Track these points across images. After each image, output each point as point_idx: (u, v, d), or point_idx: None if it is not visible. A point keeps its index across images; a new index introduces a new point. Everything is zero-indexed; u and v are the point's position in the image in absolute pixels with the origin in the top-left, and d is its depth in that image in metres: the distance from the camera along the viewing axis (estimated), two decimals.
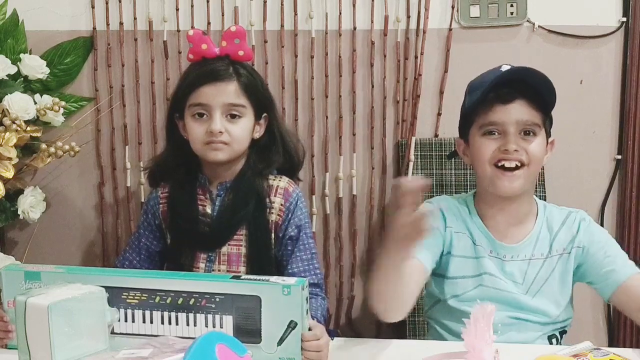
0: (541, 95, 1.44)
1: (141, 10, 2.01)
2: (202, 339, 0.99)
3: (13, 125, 1.78)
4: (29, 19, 1.97)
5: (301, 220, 1.60)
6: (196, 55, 1.57)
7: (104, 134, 2.06)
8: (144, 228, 1.66)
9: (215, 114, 1.52)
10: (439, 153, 2.00)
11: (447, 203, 1.55)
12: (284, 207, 1.59)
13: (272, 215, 1.58)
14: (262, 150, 1.61)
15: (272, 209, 1.58)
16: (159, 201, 1.64)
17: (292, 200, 1.59)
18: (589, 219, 1.53)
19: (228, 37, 1.57)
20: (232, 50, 1.56)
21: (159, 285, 1.30)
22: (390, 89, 2.04)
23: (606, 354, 1.27)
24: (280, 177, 1.63)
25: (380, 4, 2.00)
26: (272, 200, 1.58)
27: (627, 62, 2.02)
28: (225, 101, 1.53)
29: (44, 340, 1.10)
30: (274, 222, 1.58)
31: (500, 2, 2.00)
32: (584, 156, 2.07)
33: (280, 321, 1.25)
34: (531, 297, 1.47)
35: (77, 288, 1.18)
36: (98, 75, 2.04)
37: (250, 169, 1.59)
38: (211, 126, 1.51)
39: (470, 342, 1.09)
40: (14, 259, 1.89)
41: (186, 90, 1.56)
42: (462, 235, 1.50)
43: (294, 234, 1.58)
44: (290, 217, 1.58)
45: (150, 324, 1.30)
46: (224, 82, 1.53)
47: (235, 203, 1.56)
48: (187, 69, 1.62)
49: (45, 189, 1.97)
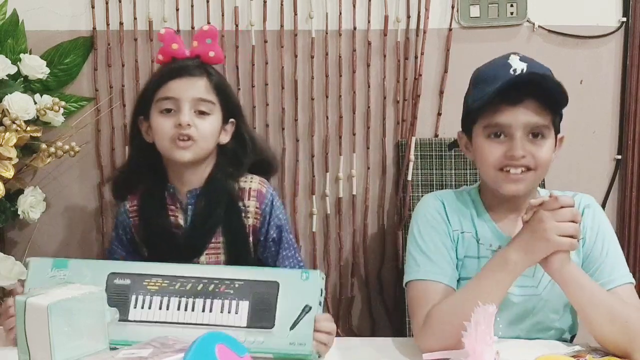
0: (552, 97, 1.34)
1: (141, 10, 2.01)
2: (202, 339, 0.99)
3: (13, 125, 1.78)
4: (29, 19, 1.97)
5: (280, 220, 1.58)
6: (166, 55, 1.53)
7: (104, 134, 2.06)
8: (117, 244, 1.63)
9: (184, 107, 1.48)
10: (439, 153, 2.00)
11: (451, 200, 1.47)
12: (259, 209, 1.56)
13: (249, 219, 1.55)
14: (231, 154, 1.58)
15: (247, 212, 1.55)
16: (129, 215, 1.60)
17: (267, 201, 1.56)
18: (595, 205, 1.47)
19: (200, 37, 1.53)
20: (203, 50, 1.53)
21: (182, 272, 1.33)
22: (390, 89, 2.05)
23: (604, 355, 1.27)
24: (251, 177, 1.58)
25: (380, 4, 2.01)
26: (246, 204, 1.55)
27: (627, 62, 2.03)
28: (195, 95, 1.49)
29: (44, 340, 1.10)
30: (251, 225, 1.55)
31: (500, 2, 2.00)
32: (584, 156, 2.07)
33: (296, 306, 1.28)
34: (540, 294, 1.41)
35: (77, 288, 1.18)
36: (98, 75, 2.04)
37: (219, 172, 1.55)
38: (180, 118, 1.46)
39: (470, 343, 1.09)
40: (13, 259, 1.89)
41: (154, 86, 1.52)
42: (466, 235, 1.44)
43: (276, 235, 1.57)
44: (269, 219, 1.56)
45: (166, 310, 1.31)
46: (195, 77, 1.50)
47: (208, 209, 1.52)
48: (155, 70, 1.58)
49: (45, 189, 1.97)
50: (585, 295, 1.28)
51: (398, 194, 2.06)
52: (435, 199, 1.47)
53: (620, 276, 1.37)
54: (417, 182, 2.01)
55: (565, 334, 1.46)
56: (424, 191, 2.00)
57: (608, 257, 1.39)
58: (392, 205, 2.08)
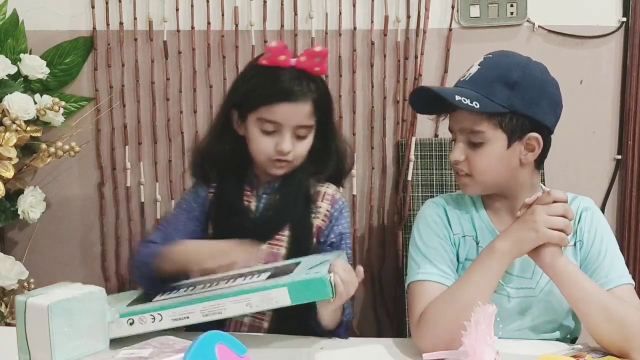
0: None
1: (141, 10, 2.01)
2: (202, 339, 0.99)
3: (13, 125, 1.79)
4: (29, 19, 1.97)
5: (345, 228, 1.58)
6: (270, 62, 1.49)
7: (104, 134, 2.06)
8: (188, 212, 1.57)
9: (287, 133, 1.48)
10: (439, 153, 2.00)
11: (452, 204, 1.49)
12: (329, 213, 1.57)
13: (317, 220, 1.56)
14: (315, 156, 1.57)
15: (318, 213, 1.56)
16: (209, 191, 1.58)
17: (337, 207, 1.58)
18: (594, 208, 1.46)
19: (310, 55, 1.50)
20: (310, 66, 1.50)
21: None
22: (390, 89, 2.05)
23: (604, 355, 1.27)
24: (328, 184, 1.60)
25: (380, 4, 2.01)
26: (318, 205, 1.57)
27: (627, 62, 2.03)
28: (298, 122, 1.48)
29: (44, 340, 1.10)
30: (317, 226, 1.56)
31: (500, 2, 2.00)
32: (584, 156, 2.07)
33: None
34: (536, 296, 1.41)
35: (77, 288, 1.18)
36: (98, 75, 2.04)
37: (300, 171, 1.56)
38: (281, 145, 1.47)
39: (470, 343, 1.09)
40: (13, 259, 1.89)
41: (257, 102, 1.49)
42: (467, 239, 1.45)
43: (336, 241, 1.57)
44: (334, 223, 1.57)
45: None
46: (300, 103, 1.48)
47: (282, 203, 1.54)
48: (255, 70, 1.53)
49: (45, 189, 1.97)
50: (578, 291, 1.28)
51: (398, 194, 2.06)
52: (437, 205, 1.48)
53: (618, 277, 1.36)
54: (417, 182, 2.01)
55: (565, 336, 1.46)
56: (424, 191, 2.00)
57: (606, 259, 1.38)
58: (392, 205, 2.08)
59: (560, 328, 1.45)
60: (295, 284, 1.25)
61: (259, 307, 1.27)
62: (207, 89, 2.04)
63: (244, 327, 1.52)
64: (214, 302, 1.27)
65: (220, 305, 1.27)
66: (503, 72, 1.39)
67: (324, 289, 1.25)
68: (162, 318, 1.28)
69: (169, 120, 2.05)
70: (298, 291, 1.25)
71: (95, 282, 1.61)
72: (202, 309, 1.27)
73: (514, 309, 1.41)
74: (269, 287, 1.26)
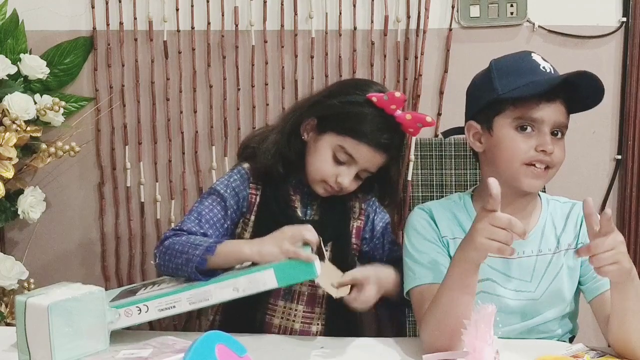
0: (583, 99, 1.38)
1: (141, 10, 2.01)
2: (201, 339, 0.99)
3: (13, 125, 1.79)
4: (29, 19, 1.97)
5: (385, 219, 1.61)
6: (380, 104, 1.47)
7: (104, 134, 2.06)
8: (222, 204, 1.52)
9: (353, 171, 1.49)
10: (439, 153, 2.00)
11: (439, 209, 1.49)
12: (364, 210, 1.59)
13: (355, 221, 1.59)
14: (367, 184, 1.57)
15: (353, 214, 1.58)
16: (249, 191, 1.55)
17: (370, 202, 1.61)
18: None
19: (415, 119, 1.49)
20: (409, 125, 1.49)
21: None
22: (390, 89, 2.03)
23: (602, 355, 1.27)
24: None
25: (380, 4, 2.01)
26: (352, 205, 1.58)
27: (627, 62, 2.02)
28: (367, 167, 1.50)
29: (44, 340, 1.10)
30: (355, 227, 1.59)
31: (500, 2, 2.00)
32: (584, 156, 2.07)
33: None
34: (537, 299, 1.42)
35: (77, 288, 1.19)
36: (98, 75, 2.04)
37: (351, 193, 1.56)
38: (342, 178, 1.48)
39: (470, 342, 1.09)
40: (13, 259, 1.89)
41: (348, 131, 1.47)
42: (457, 241, 1.41)
43: (382, 230, 1.61)
44: (373, 217, 1.60)
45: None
46: (379, 152, 1.48)
47: (326, 219, 1.54)
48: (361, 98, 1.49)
49: (45, 189, 1.97)
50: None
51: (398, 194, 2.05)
52: (422, 210, 1.49)
53: None
54: (417, 182, 2.01)
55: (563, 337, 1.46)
56: (424, 191, 2.00)
57: None
58: (392, 205, 2.08)
59: (560, 329, 1.46)
60: (281, 265, 1.26)
61: (246, 291, 1.27)
62: (207, 89, 2.04)
63: (294, 332, 1.53)
64: (200, 290, 1.27)
65: (207, 292, 1.27)
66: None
67: (310, 269, 1.26)
68: (149, 309, 1.28)
69: (169, 120, 2.05)
70: (284, 272, 1.26)
71: (95, 282, 1.62)
72: (189, 297, 1.27)
73: (514, 310, 1.41)
74: (255, 270, 1.27)
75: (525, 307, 1.41)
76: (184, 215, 2.03)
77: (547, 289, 1.41)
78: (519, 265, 1.42)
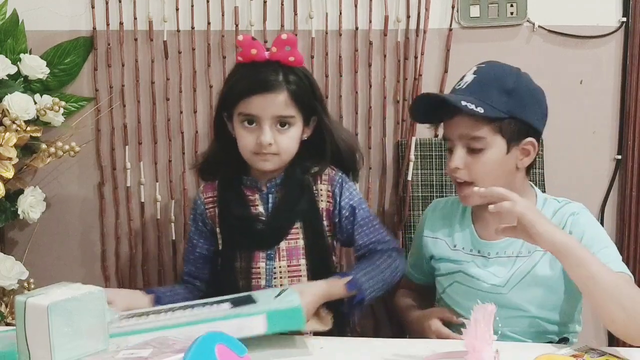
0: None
1: (141, 10, 2.01)
2: (202, 339, 0.99)
3: (13, 125, 1.79)
4: (29, 19, 1.97)
5: (352, 198, 1.59)
6: (245, 58, 1.53)
7: (104, 134, 2.07)
8: (197, 237, 1.64)
9: (265, 125, 1.50)
10: (439, 153, 2.00)
11: (443, 206, 1.60)
12: (330, 192, 1.59)
13: (322, 203, 1.59)
14: (312, 147, 1.60)
15: (320, 196, 1.59)
16: (205, 207, 1.63)
17: (335, 183, 1.59)
18: (582, 212, 1.47)
19: (279, 44, 1.52)
20: (283, 56, 1.51)
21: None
22: (390, 89, 2.04)
23: (602, 354, 1.27)
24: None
25: (380, 4, 2.01)
26: (318, 187, 1.59)
27: (627, 62, 2.02)
28: (275, 113, 1.50)
29: (44, 340, 1.10)
30: (324, 209, 1.59)
31: (500, 2, 2.00)
32: (584, 156, 2.07)
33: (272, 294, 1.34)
34: (507, 292, 1.44)
35: (77, 288, 1.18)
36: (98, 75, 2.04)
37: (299, 166, 1.58)
38: (260, 138, 1.50)
39: (470, 342, 1.09)
40: (13, 259, 1.89)
41: (236, 98, 1.53)
42: (438, 241, 1.56)
43: (349, 214, 1.59)
44: (339, 200, 1.59)
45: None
46: (274, 93, 1.50)
47: (289, 199, 1.57)
48: (235, 68, 1.57)
49: (45, 189, 1.97)
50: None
51: (398, 194, 2.05)
52: (433, 205, 1.63)
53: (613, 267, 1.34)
54: (417, 182, 2.01)
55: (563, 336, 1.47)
56: (424, 191, 2.00)
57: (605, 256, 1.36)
58: (392, 206, 2.08)
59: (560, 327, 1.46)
60: (274, 313, 1.23)
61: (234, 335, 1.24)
62: (207, 89, 2.04)
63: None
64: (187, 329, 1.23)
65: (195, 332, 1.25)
66: (499, 79, 1.43)
67: (299, 319, 1.25)
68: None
69: (169, 120, 2.05)
70: (275, 319, 1.23)
71: (95, 282, 1.62)
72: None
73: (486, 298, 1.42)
74: (245, 314, 1.23)
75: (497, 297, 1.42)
76: (184, 215, 2.07)
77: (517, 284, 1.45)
78: (494, 264, 1.48)
